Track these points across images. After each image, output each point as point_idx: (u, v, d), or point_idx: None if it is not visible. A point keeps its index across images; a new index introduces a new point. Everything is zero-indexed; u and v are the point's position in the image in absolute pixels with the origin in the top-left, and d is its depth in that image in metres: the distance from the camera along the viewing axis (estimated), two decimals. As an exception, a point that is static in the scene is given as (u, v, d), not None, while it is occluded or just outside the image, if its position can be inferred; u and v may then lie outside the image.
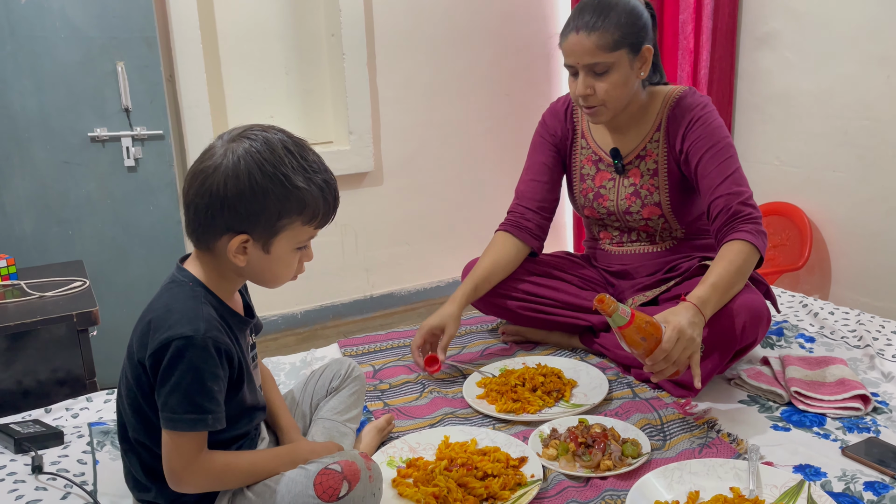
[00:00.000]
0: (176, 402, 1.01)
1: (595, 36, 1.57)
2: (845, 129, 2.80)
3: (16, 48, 2.47)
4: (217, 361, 1.04)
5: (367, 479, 1.07)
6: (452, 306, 1.75)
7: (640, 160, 1.76)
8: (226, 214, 1.04)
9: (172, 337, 1.01)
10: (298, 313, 3.38)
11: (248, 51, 3.11)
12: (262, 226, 1.05)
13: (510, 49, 3.64)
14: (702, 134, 1.65)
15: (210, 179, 1.03)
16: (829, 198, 2.91)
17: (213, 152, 1.05)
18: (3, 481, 1.23)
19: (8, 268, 1.98)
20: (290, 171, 1.04)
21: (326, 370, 1.43)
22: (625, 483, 1.27)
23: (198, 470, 1.04)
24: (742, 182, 1.63)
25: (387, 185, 3.49)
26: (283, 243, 1.08)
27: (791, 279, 3.03)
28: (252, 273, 1.11)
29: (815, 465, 1.32)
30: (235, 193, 1.02)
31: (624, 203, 1.78)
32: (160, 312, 1.05)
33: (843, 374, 1.58)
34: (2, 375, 1.70)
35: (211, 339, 1.03)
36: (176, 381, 1.01)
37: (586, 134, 1.85)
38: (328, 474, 1.05)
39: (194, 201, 1.05)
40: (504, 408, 1.55)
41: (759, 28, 3.06)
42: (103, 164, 2.67)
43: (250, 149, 1.03)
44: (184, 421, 1.02)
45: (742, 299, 1.53)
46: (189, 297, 1.07)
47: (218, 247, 1.07)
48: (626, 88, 1.65)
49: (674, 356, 1.39)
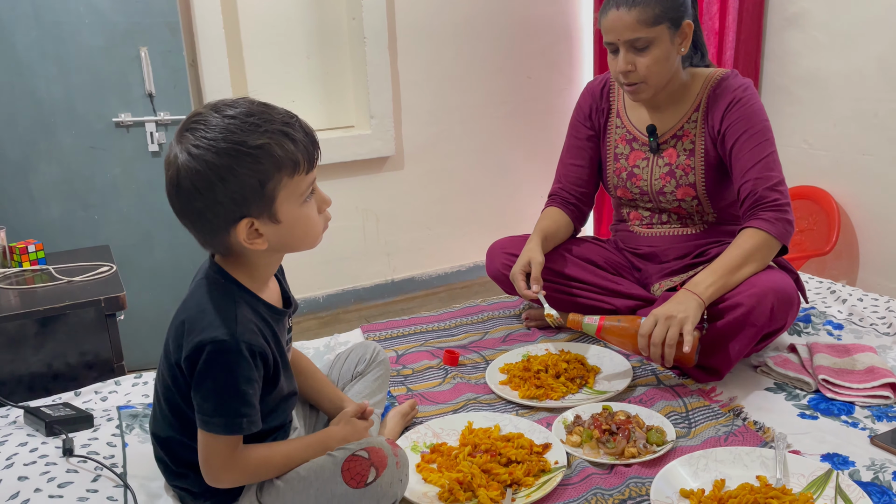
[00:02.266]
0: (211, 407, 1.01)
1: (636, 11, 1.57)
2: (875, 112, 2.74)
3: (41, 34, 2.49)
4: (251, 364, 1.02)
5: (394, 465, 1.08)
6: (532, 243, 1.76)
7: (676, 140, 1.74)
8: (216, 210, 0.99)
9: (206, 340, 1.00)
10: (321, 297, 3.40)
11: (270, 35, 3.11)
12: (253, 202, 0.99)
13: (532, 31, 3.60)
14: (741, 116, 1.64)
15: (181, 187, 0.98)
16: (858, 182, 2.86)
17: (170, 158, 1.00)
18: (35, 464, 1.25)
19: (37, 252, 2.01)
20: (245, 137, 0.97)
21: (352, 354, 1.44)
22: (649, 471, 1.26)
23: (234, 468, 1.05)
24: (773, 167, 1.62)
25: (408, 170, 3.48)
26: (286, 205, 1.02)
27: (818, 264, 2.99)
28: (280, 246, 1.06)
29: (843, 454, 1.30)
30: (207, 187, 0.97)
31: (658, 183, 1.76)
32: (193, 313, 1.04)
33: (871, 362, 1.56)
34: (32, 359, 1.73)
35: (245, 342, 1.01)
36: (210, 386, 1.01)
37: (621, 113, 1.84)
38: (356, 461, 1.06)
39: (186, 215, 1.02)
40: (527, 394, 1.55)
41: (788, 7, 3.00)
42: (128, 150, 2.69)
43: (196, 140, 0.97)
44: (218, 425, 1.02)
45: (773, 282, 1.51)
46: (222, 296, 1.05)
47: (234, 244, 1.04)
48: (668, 64, 1.63)
49: (657, 338, 1.45)
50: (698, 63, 1.77)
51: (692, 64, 1.76)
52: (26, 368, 1.73)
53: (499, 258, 1.88)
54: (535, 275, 1.69)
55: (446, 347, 1.81)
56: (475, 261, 3.71)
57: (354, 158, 3.27)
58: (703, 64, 1.77)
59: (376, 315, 3.36)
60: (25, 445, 1.31)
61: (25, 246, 1.99)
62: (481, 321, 1.99)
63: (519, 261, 1.73)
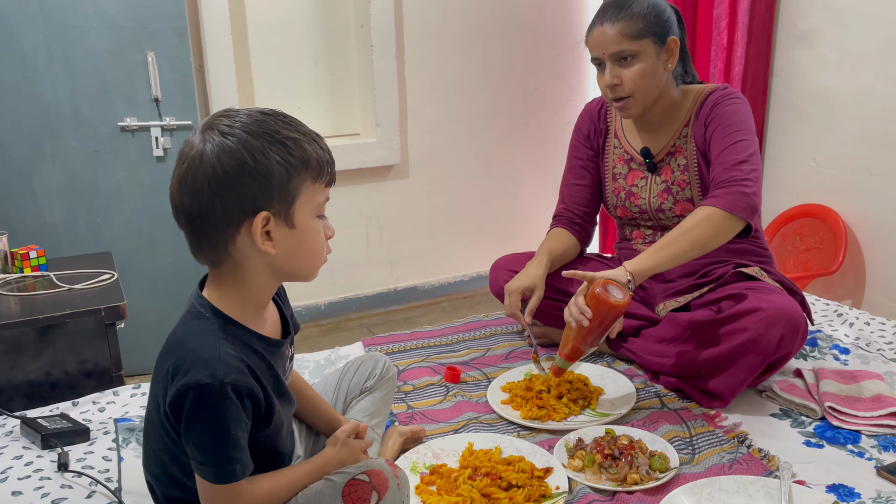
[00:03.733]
0: (202, 456, 0.97)
1: (619, 25, 1.60)
2: (884, 131, 2.72)
3: (48, 37, 2.48)
4: (238, 405, 0.96)
5: (395, 487, 1.06)
6: (539, 268, 1.73)
7: (670, 157, 1.75)
8: (235, 197, 0.94)
9: (189, 385, 0.94)
10: (322, 305, 3.38)
11: (277, 41, 3.10)
12: (276, 195, 0.96)
13: (539, 42, 3.60)
14: (717, 115, 1.64)
15: (201, 169, 0.93)
16: (865, 201, 2.84)
17: (192, 145, 0.96)
18: (30, 478, 1.23)
19: (38, 258, 2.00)
20: (279, 128, 0.96)
21: (362, 367, 1.40)
22: (652, 498, 1.24)
23: None
24: (739, 151, 1.56)
25: (413, 178, 3.47)
26: (303, 210, 0.99)
27: (824, 283, 2.96)
28: (285, 261, 1.01)
29: (849, 484, 1.29)
30: (236, 168, 0.93)
31: (656, 201, 1.76)
32: (178, 355, 0.97)
33: (879, 390, 1.54)
34: (31, 367, 1.72)
35: (230, 383, 0.95)
36: (199, 434, 0.96)
37: (619, 133, 1.84)
38: (356, 485, 1.03)
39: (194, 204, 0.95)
40: (529, 415, 1.53)
41: (798, 24, 2.98)
42: (132, 154, 2.68)
43: (231, 123, 0.95)
44: (212, 474, 0.98)
45: (780, 308, 1.48)
46: (205, 332, 0.98)
47: (238, 248, 0.97)
48: (654, 79, 1.64)
49: (573, 315, 1.45)
50: (690, 81, 1.77)
51: (684, 82, 1.76)
52: (24, 376, 1.71)
53: (502, 276, 1.87)
54: (531, 306, 1.68)
55: (448, 364, 1.79)
56: (478, 271, 3.69)
57: (359, 166, 3.26)
58: (694, 82, 1.78)
59: (378, 324, 3.34)
60: (20, 459, 1.30)
61: (27, 252, 1.98)
62: (483, 337, 1.98)
63: (520, 278, 1.71)
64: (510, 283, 1.71)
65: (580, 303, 1.45)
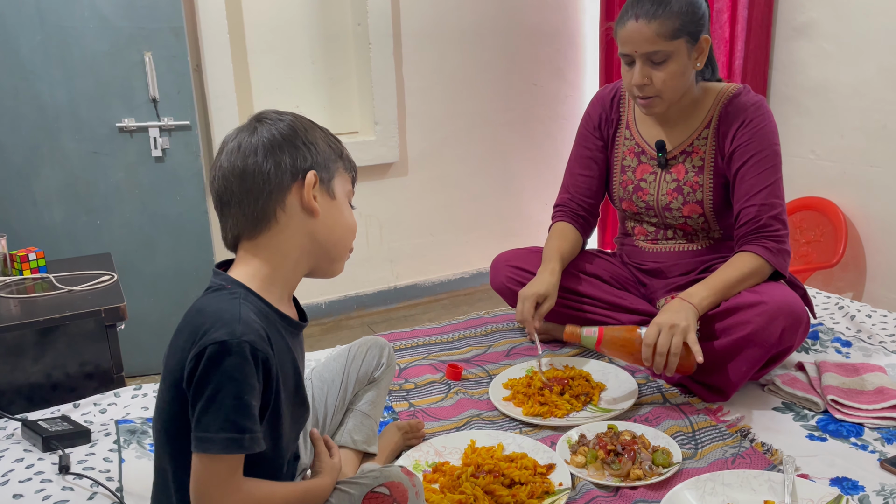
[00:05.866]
0: (209, 420, 0.89)
1: (656, 24, 1.54)
2: (884, 123, 2.72)
3: (45, 38, 2.47)
4: (254, 369, 0.91)
5: (414, 496, 1.03)
6: (553, 276, 1.70)
7: (685, 156, 1.72)
8: (287, 156, 0.99)
9: (205, 344, 0.89)
10: (323, 303, 3.38)
11: (275, 40, 3.09)
12: (322, 163, 1.03)
13: (538, 38, 3.59)
14: (751, 137, 1.62)
15: (255, 138, 0.99)
16: (865, 193, 2.83)
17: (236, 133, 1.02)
18: (31, 480, 1.23)
19: (38, 261, 1.99)
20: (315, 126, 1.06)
21: (368, 354, 1.36)
22: (655, 493, 1.24)
23: (232, 498, 0.92)
24: (778, 194, 1.61)
25: (412, 176, 3.46)
26: (339, 188, 1.06)
27: (825, 276, 2.96)
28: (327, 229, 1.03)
29: (852, 478, 1.28)
30: (290, 134, 1.00)
31: (664, 198, 1.74)
32: (195, 322, 0.93)
33: (881, 383, 1.54)
34: (32, 369, 1.71)
35: (248, 343, 0.90)
36: (210, 395, 0.89)
37: (631, 125, 1.81)
38: (376, 499, 1.00)
39: (245, 168, 0.98)
40: (531, 411, 1.53)
41: (797, 17, 2.97)
42: (131, 155, 2.68)
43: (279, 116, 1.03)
44: (216, 441, 0.89)
45: (782, 301, 1.48)
46: (226, 300, 0.96)
47: (287, 209, 0.99)
48: (683, 79, 1.61)
49: (662, 347, 1.44)
50: (709, 78, 1.74)
51: (704, 78, 1.72)
52: (25, 379, 1.71)
53: (503, 271, 1.86)
54: (541, 312, 1.65)
55: (449, 361, 1.79)
56: (479, 268, 3.69)
57: (358, 164, 3.21)
58: (714, 79, 1.74)
59: (379, 322, 3.34)
60: (22, 461, 1.29)
61: (26, 254, 1.97)
62: (485, 334, 1.97)
63: (535, 285, 1.67)
64: (524, 290, 1.67)
65: (672, 363, 1.46)
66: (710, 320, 1.55)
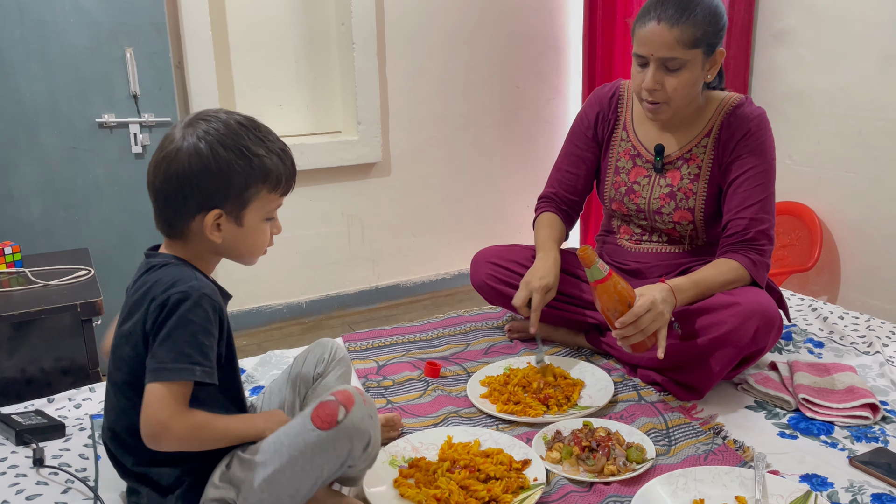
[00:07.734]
0: (164, 352, 1.02)
1: (678, 30, 1.52)
2: (860, 130, 2.76)
3: (25, 32, 2.45)
4: (210, 318, 1.06)
5: (361, 402, 1.09)
6: (556, 266, 1.71)
7: (683, 162, 1.72)
8: (196, 193, 1.08)
9: (170, 294, 1.04)
10: (304, 302, 3.37)
11: (258, 38, 3.09)
12: (231, 199, 1.10)
13: (521, 41, 3.61)
14: (751, 150, 1.63)
15: (174, 163, 1.07)
16: (840, 198, 2.88)
17: (173, 138, 1.09)
18: (5, 475, 1.22)
19: (13, 255, 1.98)
20: (248, 143, 1.10)
21: (309, 356, 1.36)
22: (629, 489, 1.26)
23: (180, 423, 1.02)
24: (770, 210, 1.63)
25: (394, 176, 3.47)
26: (254, 214, 1.13)
27: (800, 280, 3.00)
28: (229, 248, 1.15)
29: (822, 474, 1.31)
30: (202, 170, 1.07)
31: (656, 203, 1.75)
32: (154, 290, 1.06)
33: (852, 382, 1.57)
34: (6, 364, 1.70)
35: (206, 295, 1.06)
36: (167, 333, 1.03)
37: (628, 126, 1.80)
38: (323, 405, 1.07)
39: (163, 189, 1.09)
40: (506, 409, 1.53)
41: (775, 24, 3.02)
42: (111, 151, 2.66)
43: (208, 128, 1.08)
44: (171, 370, 1.01)
45: (758, 303, 1.51)
46: (178, 268, 1.10)
47: (192, 229, 1.11)
48: (694, 89, 1.62)
49: (642, 324, 1.44)
50: (715, 86, 1.73)
51: (709, 87, 1.72)
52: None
53: (483, 268, 1.87)
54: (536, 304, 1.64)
55: (428, 359, 1.79)
56: (460, 269, 3.70)
57: (341, 164, 3.26)
58: (718, 87, 1.75)
59: (360, 321, 3.34)
60: (-5, 455, 1.28)
61: (1, 248, 1.96)
62: (464, 332, 1.98)
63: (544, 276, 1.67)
64: (533, 282, 1.66)
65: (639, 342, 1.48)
66: (686, 320, 1.57)
